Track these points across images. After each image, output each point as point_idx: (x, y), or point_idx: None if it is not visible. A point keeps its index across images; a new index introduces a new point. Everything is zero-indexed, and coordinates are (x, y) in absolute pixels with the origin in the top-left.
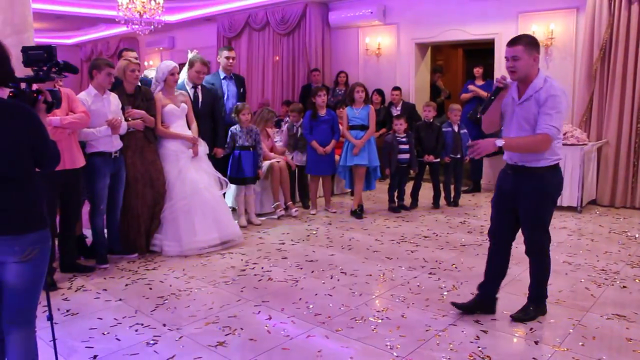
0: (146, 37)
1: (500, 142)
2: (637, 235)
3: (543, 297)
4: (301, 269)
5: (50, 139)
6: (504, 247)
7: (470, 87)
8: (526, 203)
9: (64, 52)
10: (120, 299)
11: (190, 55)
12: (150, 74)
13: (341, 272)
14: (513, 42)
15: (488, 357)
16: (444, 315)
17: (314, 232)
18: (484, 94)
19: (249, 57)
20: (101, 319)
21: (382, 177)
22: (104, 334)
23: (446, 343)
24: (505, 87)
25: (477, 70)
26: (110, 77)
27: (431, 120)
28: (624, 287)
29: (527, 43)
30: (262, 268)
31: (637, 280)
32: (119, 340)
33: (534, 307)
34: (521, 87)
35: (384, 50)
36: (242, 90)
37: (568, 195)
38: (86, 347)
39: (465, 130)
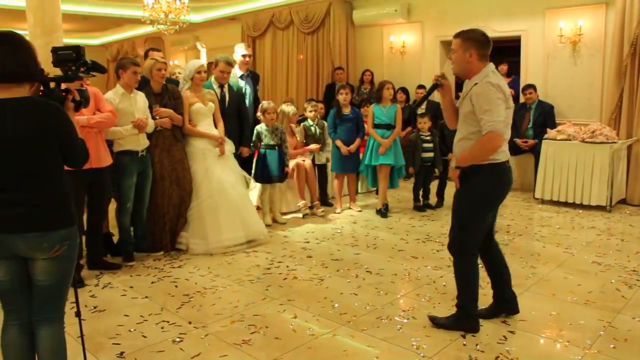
0: (171, 37)
1: (453, 164)
2: None
3: (465, 309)
4: (326, 267)
5: (78, 137)
6: (482, 247)
7: None
8: (454, 200)
9: (91, 53)
10: (146, 297)
11: (198, 46)
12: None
13: (366, 271)
14: (455, 35)
15: (516, 358)
16: None
17: (339, 231)
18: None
19: (273, 56)
20: (127, 315)
21: (406, 176)
22: (130, 330)
23: (473, 344)
24: (442, 85)
25: (502, 68)
26: (137, 75)
27: None
28: None
29: (465, 38)
30: (287, 267)
31: None
32: (145, 337)
33: (455, 317)
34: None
35: (408, 49)
36: (257, 88)
37: (597, 194)
38: (113, 343)
39: None
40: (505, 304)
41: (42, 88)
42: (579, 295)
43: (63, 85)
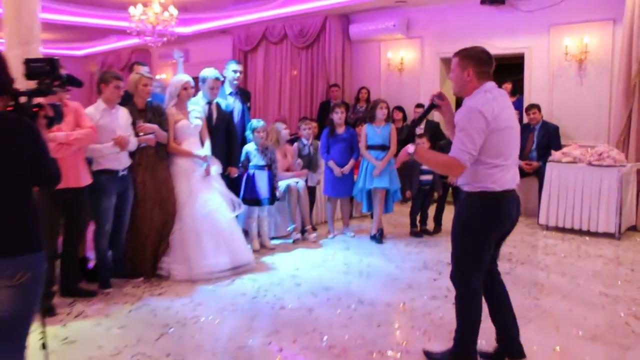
0: (159, 50)
1: (411, 149)
2: None
3: (462, 345)
4: (316, 297)
5: (50, 156)
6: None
7: None
8: (452, 227)
9: (73, 64)
10: (122, 326)
11: (175, 57)
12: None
13: (358, 301)
14: (454, 54)
15: None
16: None
17: (331, 258)
18: None
19: (266, 72)
20: (101, 347)
21: (402, 200)
22: None
23: None
24: (439, 106)
25: (506, 86)
26: (119, 90)
27: None
28: None
29: (462, 56)
30: (275, 295)
31: None
32: None
33: (451, 352)
34: None
35: (407, 65)
36: (248, 105)
37: (604, 221)
38: None
39: None
40: (508, 347)
41: (11, 102)
42: (585, 329)
43: (36, 100)
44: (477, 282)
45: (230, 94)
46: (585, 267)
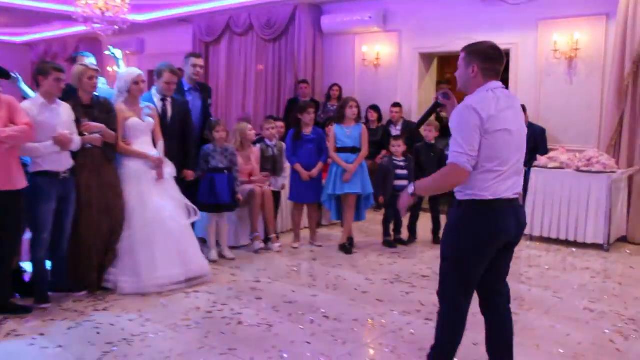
0: (110, 39)
1: (411, 189)
2: None
3: None
4: (277, 311)
5: None
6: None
7: None
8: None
9: (12, 52)
10: (59, 346)
11: (111, 52)
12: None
13: (323, 316)
14: (462, 49)
15: None
16: None
17: (295, 269)
18: None
19: (229, 66)
20: None
21: (375, 207)
22: None
23: None
24: (445, 105)
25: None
26: (60, 83)
27: (433, 142)
28: None
29: (468, 51)
30: (232, 310)
31: None
32: None
33: None
34: None
35: (383, 61)
36: (209, 101)
37: (593, 231)
38: None
39: None
40: None
41: None
42: (567, 347)
43: None
44: (463, 300)
45: (189, 89)
46: (570, 281)
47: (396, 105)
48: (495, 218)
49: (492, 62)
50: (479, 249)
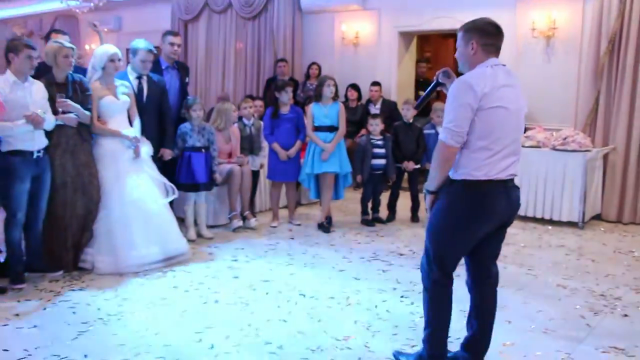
0: (87, 16)
1: (427, 186)
2: None
3: (429, 345)
4: (254, 290)
5: None
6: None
7: None
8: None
9: None
10: (34, 326)
11: (91, 27)
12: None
13: (300, 295)
14: (459, 28)
15: None
16: (413, 346)
17: (273, 248)
18: None
19: (208, 44)
20: (7, 350)
21: (354, 186)
22: None
23: None
24: (444, 84)
25: None
26: (32, 60)
27: (411, 121)
28: (626, 315)
29: (466, 29)
30: (209, 289)
31: None
32: None
33: (419, 355)
34: None
35: (362, 40)
36: (187, 80)
37: (568, 209)
38: None
39: None
40: (470, 354)
41: None
42: (538, 323)
43: None
44: (445, 277)
45: (167, 68)
46: (545, 258)
47: (375, 84)
48: (484, 201)
49: (491, 37)
50: (468, 229)
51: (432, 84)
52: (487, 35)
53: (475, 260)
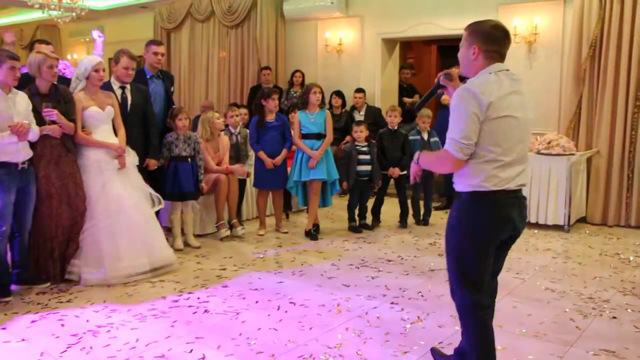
0: (69, 26)
1: (416, 157)
2: (631, 258)
3: None
4: (244, 299)
5: None
6: None
7: (443, 99)
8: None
9: None
10: (22, 339)
11: (94, 36)
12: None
13: (290, 303)
14: (465, 27)
15: None
16: (405, 352)
17: (261, 256)
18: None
19: (191, 53)
20: None
21: (340, 192)
22: None
23: None
24: (445, 87)
25: (454, 71)
26: (15, 71)
27: (396, 128)
28: (614, 317)
29: (470, 31)
30: (198, 298)
31: (629, 310)
32: None
33: None
34: None
35: (346, 47)
36: (172, 89)
37: (553, 212)
38: None
39: (437, 139)
40: None
41: None
42: (529, 326)
43: None
44: (474, 295)
45: (151, 77)
46: (532, 262)
47: (359, 90)
48: (498, 211)
49: (496, 43)
50: (481, 243)
51: (433, 86)
52: (492, 41)
53: None
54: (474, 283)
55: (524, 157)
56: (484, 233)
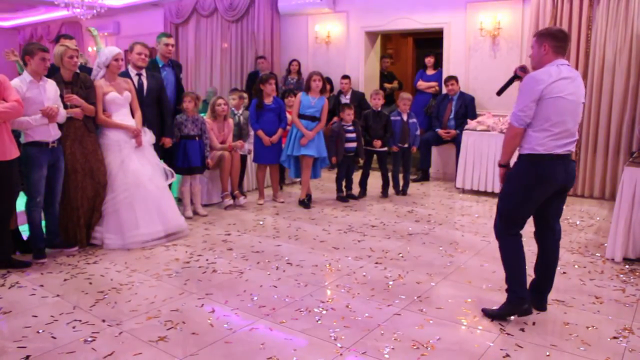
0: (89, 22)
1: (498, 161)
2: (577, 222)
3: (514, 292)
4: (246, 260)
5: None
6: (537, 234)
7: (419, 84)
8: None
9: (0, 36)
10: (57, 295)
11: (93, 32)
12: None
13: (287, 263)
14: (533, 35)
15: (432, 346)
16: (388, 305)
17: (261, 223)
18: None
19: (197, 44)
20: (36, 316)
21: (329, 167)
22: (38, 332)
23: (390, 333)
24: (522, 78)
25: (429, 60)
26: (45, 62)
27: (379, 109)
28: (564, 272)
29: (539, 35)
30: (207, 260)
31: (576, 266)
32: (54, 338)
33: (507, 301)
34: None
35: (333, 39)
36: (181, 76)
37: None
38: (18, 347)
39: (415, 120)
40: (534, 297)
41: None
42: (494, 282)
43: None
44: (514, 231)
45: (163, 66)
46: None
47: (345, 77)
48: (544, 169)
49: (561, 40)
50: (531, 194)
51: (512, 76)
52: (558, 39)
53: (541, 218)
54: (513, 222)
55: (573, 131)
56: (531, 188)
